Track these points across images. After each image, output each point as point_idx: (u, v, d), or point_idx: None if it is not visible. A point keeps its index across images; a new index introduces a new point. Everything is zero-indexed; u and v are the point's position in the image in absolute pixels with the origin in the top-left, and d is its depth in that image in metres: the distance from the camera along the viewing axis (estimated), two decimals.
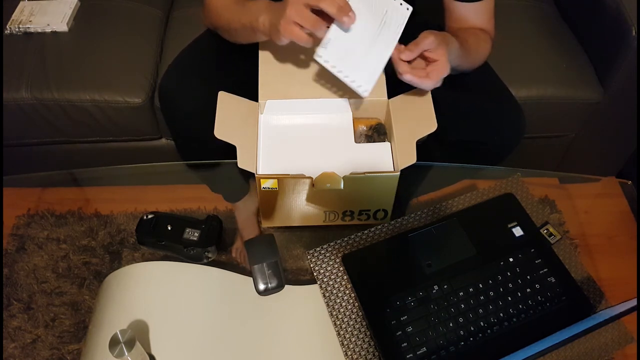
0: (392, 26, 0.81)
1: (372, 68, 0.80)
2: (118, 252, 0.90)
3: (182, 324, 0.77)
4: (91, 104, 1.24)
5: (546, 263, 0.82)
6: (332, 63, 0.78)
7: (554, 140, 1.41)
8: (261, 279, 0.80)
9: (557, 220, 0.93)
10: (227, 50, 0.99)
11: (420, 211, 0.91)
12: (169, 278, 0.81)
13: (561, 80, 1.29)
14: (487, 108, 0.99)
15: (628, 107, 1.31)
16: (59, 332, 0.81)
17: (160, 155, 1.39)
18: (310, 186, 0.80)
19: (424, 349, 0.74)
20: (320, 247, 0.86)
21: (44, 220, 0.94)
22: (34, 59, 1.27)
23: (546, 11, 1.44)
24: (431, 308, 0.77)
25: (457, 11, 0.97)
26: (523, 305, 0.78)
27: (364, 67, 0.80)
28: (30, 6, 1.35)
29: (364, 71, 0.80)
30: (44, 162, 1.41)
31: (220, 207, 0.96)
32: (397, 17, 0.81)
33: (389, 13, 0.81)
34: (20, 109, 1.24)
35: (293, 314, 0.80)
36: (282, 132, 0.87)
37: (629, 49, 1.20)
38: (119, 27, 1.35)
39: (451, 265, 0.82)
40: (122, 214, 0.95)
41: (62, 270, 0.88)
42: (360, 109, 0.90)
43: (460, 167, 1.02)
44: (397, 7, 0.82)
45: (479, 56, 0.97)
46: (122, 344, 0.65)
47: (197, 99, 0.93)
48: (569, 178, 1.07)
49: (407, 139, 0.81)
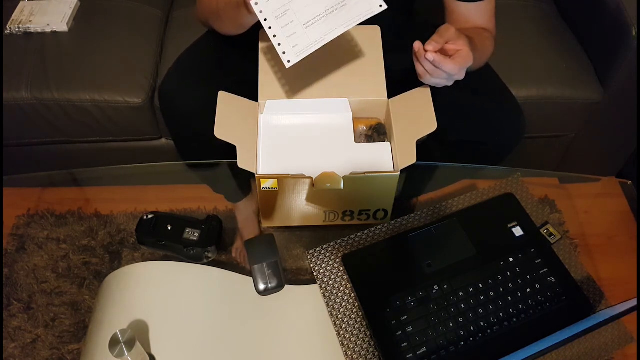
0: (353, 12, 0.74)
1: (307, 41, 0.73)
2: (118, 252, 0.90)
3: (182, 323, 0.77)
4: (91, 104, 1.24)
5: (546, 263, 0.82)
6: (265, 15, 0.71)
7: (554, 140, 1.41)
8: (261, 279, 0.80)
9: (557, 220, 0.93)
10: (226, 51, 1.00)
11: (420, 211, 0.91)
12: (169, 278, 0.81)
13: (561, 80, 1.29)
14: (487, 108, 0.99)
15: (628, 107, 1.31)
16: (59, 332, 0.81)
17: (160, 155, 1.39)
18: (310, 186, 0.80)
19: (424, 349, 0.74)
20: (320, 247, 0.86)
21: (44, 220, 0.94)
22: (34, 59, 1.27)
23: (546, 11, 1.44)
24: (431, 308, 0.77)
25: (458, 11, 0.97)
26: (523, 305, 0.78)
27: (298, 36, 0.73)
28: (30, 6, 1.35)
29: (297, 40, 0.73)
30: (44, 162, 1.41)
31: (220, 207, 0.96)
32: (364, 7, 0.74)
33: (356, 1, 0.74)
34: (20, 108, 1.24)
35: (293, 314, 0.80)
36: (282, 132, 0.87)
37: (629, 48, 1.20)
38: (119, 27, 1.35)
39: (451, 265, 0.82)
40: (122, 214, 0.95)
41: (62, 270, 0.88)
42: (360, 109, 0.90)
43: (460, 167, 1.02)
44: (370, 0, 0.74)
45: (484, 55, 0.97)
46: (122, 344, 0.65)
47: (197, 100, 0.93)
48: (569, 178, 1.07)
49: (407, 139, 0.81)
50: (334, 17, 0.73)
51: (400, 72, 0.86)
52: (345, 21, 0.73)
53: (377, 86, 0.89)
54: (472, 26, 0.97)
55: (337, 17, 0.73)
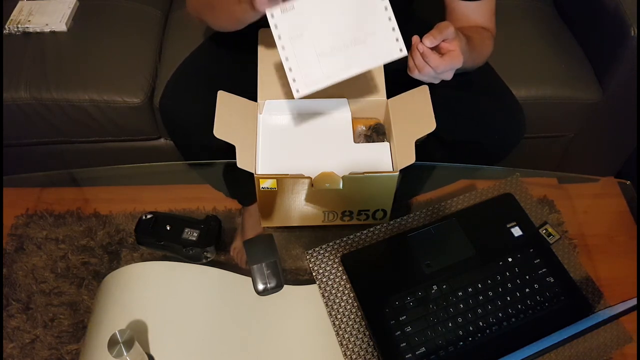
0: (371, 52, 0.70)
1: (319, 74, 0.69)
2: (117, 252, 0.90)
3: (181, 324, 0.77)
4: (90, 104, 1.24)
5: (545, 263, 0.82)
6: (280, 32, 0.66)
7: (553, 141, 1.41)
8: (260, 279, 0.80)
9: (556, 220, 0.93)
10: (225, 61, 0.99)
11: (420, 211, 0.91)
12: (168, 278, 0.81)
13: (560, 80, 1.29)
14: (486, 108, 0.99)
15: (627, 107, 1.31)
16: (58, 332, 0.81)
17: (159, 155, 1.39)
18: (309, 186, 0.80)
19: (423, 349, 0.74)
20: (319, 247, 0.86)
21: (42, 220, 0.94)
22: (33, 58, 1.27)
23: (545, 11, 1.44)
24: (430, 308, 0.77)
25: (458, 10, 0.97)
26: (522, 306, 0.78)
27: (311, 66, 0.69)
28: (29, 6, 1.35)
29: (309, 70, 0.68)
30: (43, 162, 1.41)
31: (220, 207, 0.96)
32: (384, 50, 0.71)
33: (374, 39, 0.70)
34: (19, 108, 1.24)
35: (292, 314, 0.80)
36: (281, 132, 0.87)
37: (628, 49, 1.20)
38: (118, 27, 1.35)
39: (450, 265, 0.82)
40: (121, 214, 0.95)
41: (61, 270, 0.88)
42: (359, 109, 0.90)
43: (460, 167, 1.02)
44: (389, 41, 0.70)
45: (483, 55, 0.97)
46: (120, 344, 0.65)
47: (198, 114, 0.92)
48: (568, 178, 1.07)
49: (406, 139, 0.81)
50: (351, 54, 0.69)
51: (400, 72, 0.86)
52: (362, 61, 0.70)
53: (376, 86, 0.89)
54: (472, 25, 0.97)
55: (354, 55, 0.69)
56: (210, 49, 1.05)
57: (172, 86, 0.98)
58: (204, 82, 0.97)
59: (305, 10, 0.66)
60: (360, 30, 0.69)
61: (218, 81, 0.95)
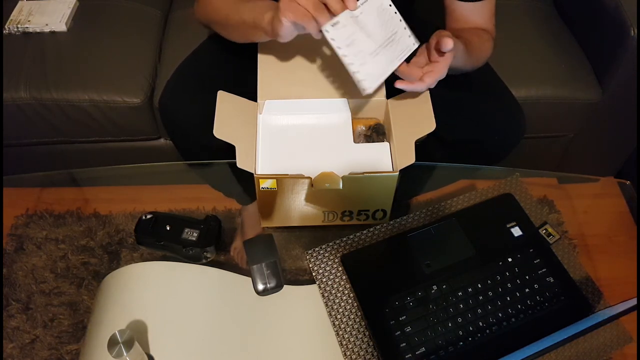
0: (399, 47, 0.80)
1: (377, 70, 0.78)
2: (117, 252, 0.90)
3: (181, 324, 0.77)
4: (90, 104, 1.24)
5: (545, 263, 0.82)
6: (337, 43, 0.75)
7: (552, 141, 1.41)
8: (260, 279, 0.80)
9: (556, 220, 0.93)
10: (226, 61, 0.99)
11: (419, 211, 0.91)
12: (168, 278, 0.81)
13: (560, 80, 1.29)
14: (486, 108, 0.99)
15: (627, 107, 1.31)
16: (58, 332, 0.81)
17: (159, 155, 1.39)
18: (309, 186, 0.80)
19: (422, 349, 0.74)
20: (319, 247, 0.86)
21: (42, 220, 0.94)
22: (33, 59, 1.27)
23: (545, 11, 1.44)
24: (430, 308, 0.77)
25: (458, 11, 0.97)
26: (522, 306, 0.78)
27: (369, 65, 0.77)
28: (29, 6, 1.35)
29: (369, 69, 0.77)
30: (43, 162, 1.41)
31: (219, 207, 0.96)
32: (404, 44, 0.81)
33: (398, 37, 0.80)
34: (19, 108, 1.24)
35: (292, 314, 0.80)
36: (281, 132, 0.87)
37: (628, 49, 1.20)
38: (118, 27, 1.35)
39: (450, 265, 0.82)
40: (121, 214, 0.95)
41: (61, 271, 0.88)
42: (359, 109, 0.90)
43: (459, 167, 1.02)
44: (406, 37, 0.81)
45: (482, 56, 0.97)
46: (120, 344, 0.65)
47: (198, 116, 0.92)
48: (567, 178, 1.07)
49: (406, 139, 0.81)
50: (388, 51, 0.79)
51: None
52: (398, 55, 0.80)
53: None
54: (472, 26, 0.97)
55: (391, 51, 0.80)
56: (210, 49, 1.05)
57: (172, 86, 0.98)
58: (204, 82, 0.97)
59: (347, 23, 0.74)
60: (388, 31, 0.79)
61: (218, 81, 0.95)
